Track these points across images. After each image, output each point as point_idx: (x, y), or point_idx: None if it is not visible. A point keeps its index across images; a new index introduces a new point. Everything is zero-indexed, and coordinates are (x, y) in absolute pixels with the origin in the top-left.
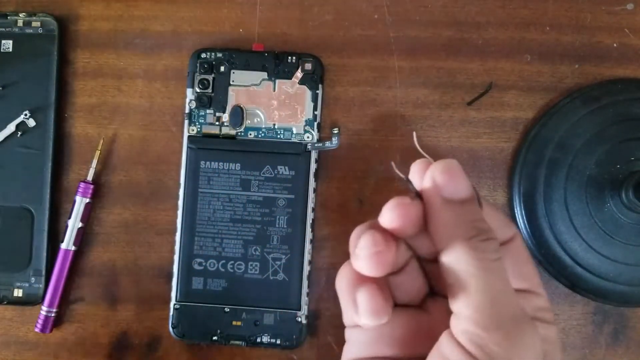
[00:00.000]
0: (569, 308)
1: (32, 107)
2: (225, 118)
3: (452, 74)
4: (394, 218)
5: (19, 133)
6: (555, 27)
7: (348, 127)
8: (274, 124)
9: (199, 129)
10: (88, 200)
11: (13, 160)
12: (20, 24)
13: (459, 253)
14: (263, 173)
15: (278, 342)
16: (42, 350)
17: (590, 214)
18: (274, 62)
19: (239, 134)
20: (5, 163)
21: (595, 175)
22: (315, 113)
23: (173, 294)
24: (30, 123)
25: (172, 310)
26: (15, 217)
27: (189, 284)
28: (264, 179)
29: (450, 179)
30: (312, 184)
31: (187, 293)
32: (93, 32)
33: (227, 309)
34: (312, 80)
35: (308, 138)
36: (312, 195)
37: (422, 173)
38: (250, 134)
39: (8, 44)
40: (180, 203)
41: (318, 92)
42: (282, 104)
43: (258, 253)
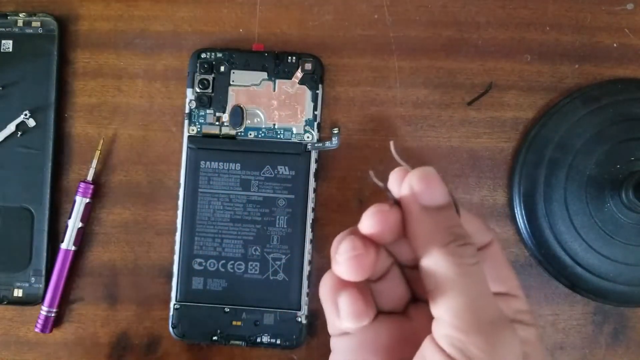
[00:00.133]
0: (569, 308)
1: (32, 107)
2: (225, 118)
3: (452, 74)
4: (373, 224)
5: (19, 133)
6: (555, 27)
7: (348, 127)
8: (274, 124)
9: (199, 129)
10: (88, 200)
11: (13, 160)
12: (20, 24)
13: (437, 259)
14: (263, 173)
15: (278, 342)
16: (42, 350)
17: (590, 214)
18: (274, 62)
19: (239, 134)
20: (5, 163)
21: (595, 175)
22: (315, 113)
23: (173, 294)
24: (30, 123)
25: (172, 310)
26: (15, 217)
27: (189, 284)
28: (264, 179)
29: (427, 187)
30: (312, 184)
31: (187, 293)
32: (93, 32)
33: (227, 309)
34: (312, 80)
35: (308, 138)
36: (312, 195)
37: (400, 181)
38: (250, 134)
39: (8, 44)
40: (180, 203)
41: (318, 92)
42: (282, 104)
43: (258, 253)
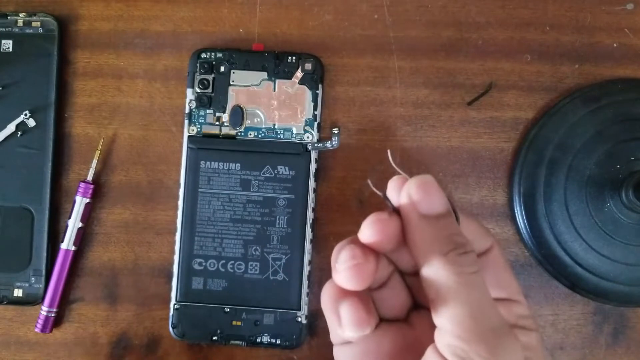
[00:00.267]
0: (569, 308)
1: (32, 107)
2: (225, 118)
3: (452, 74)
4: (372, 233)
5: (19, 133)
6: (555, 27)
7: (348, 127)
8: (274, 124)
9: (199, 129)
10: (88, 200)
11: (13, 160)
12: (20, 24)
13: (438, 268)
14: (263, 173)
15: (278, 342)
16: (42, 350)
17: (590, 214)
18: (274, 62)
19: (239, 134)
20: (5, 163)
21: (595, 175)
22: (315, 113)
23: (173, 294)
24: (30, 123)
25: (172, 310)
26: (15, 217)
27: (189, 284)
28: (264, 179)
29: (426, 195)
30: (312, 184)
31: (187, 293)
32: (93, 32)
33: (227, 309)
34: (312, 80)
35: (308, 138)
36: (312, 195)
37: (399, 189)
38: (250, 134)
39: (8, 44)
40: (180, 203)
41: (318, 92)
42: (282, 104)
43: (258, 253)
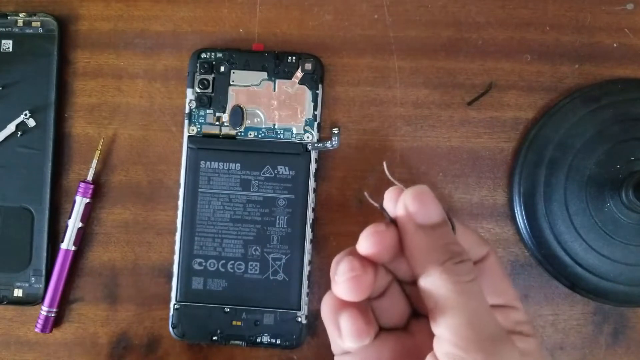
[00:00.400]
0: (569, 308)
1: (32, 107)
2: (225, 118)
3: (452, 74)
4: (370, 245)
5: (19, 133)
6: (555, 27)
7: (348, 127)
8: (274, 124)
9: (199, 129)
10: (88, 200)
11: (13, 160)
12: (20, 24)
13: (435, 277)
14: (263, 173)
15: (278, 342)
16: (42, 350)
17: (590, 214)
18: (274, 62)
19: (239, 134)
20: (5, 163)
21: (595, 175)
22: (315, 113)
23: (173, 294)
24: (30, 123)
25: (172, 310)
26: (15, 217)
27: (189, 284)
28: (264, 179)
29: (421, 205)
30: (312, 184)
31: (187, 293)
32: (93, 32)
33: (227, 309)
34: (312, 80)
35: (308, 138)
36: (312, 195)
37: (395, 200)
38: (250, 134)
39: (8, 44)
40: (180, 203)
41: (318, 92)
42: (282, 104)
43: (258, 253)
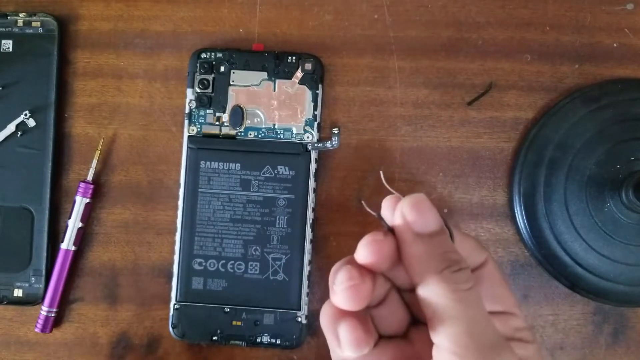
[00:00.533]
0: (569, 308)
1: (32, 107)
2: (225, 118)
3: (452, 74)
4: (368, 254)
5: (19, 133)
6: (555, 27)
7: (348, 127)
8: (274, 124)
9: (199, 129)
10: (88, 200)
11: (13, 160)
12: (20, 24)
13: (433, 286)
14: (263, 173)
15: (278, 342)
16: (42, 350)
17: (590, 214)
18: (274, 62)
19: (239, 134)
20: (5, 163)
21: (595, 175)
22: (315, 113)
23: (173, 294)
24: (30, 123)
25: (172, 310)
26: (15, 217)
27: (189, 284)
28: (264, 179)
29: (419, 214)
30: (312, 184)
31: (187, 293)
32: (93, 32)
33: (227, 309)
34: (312, 80)
35: (308, 138)
36: (312, 195)
37: (392, 208)
38: (250, 134)
39: (8, 44)
40: (180, 203)
41: (318, 92)
42: (282, 104)
43: (258, 253)
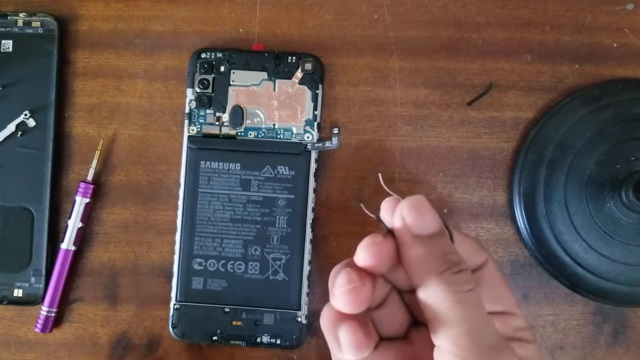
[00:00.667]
0: (569, 308)
1: (32, 107)
2: (225, 118)
3: (452, 74)
4: (368, 257)
5: (19, 133)
6: (555, 27)
7: (348, 127)
8: (274, 124)
9: (199, 129)
10: (88, 200)
11: (13, 160)
12: (20, 24)
13: (433, 288)
14: (263, 173)
15: (278, 342)
16: (42, 350)
17: (590, 214)
18: (274, 62)
19: (239, 134)
20: (5, 163)
21: (595, 175)
22: (315, 113)
23: (173, 294)
24: (30, 123)
25: (172, 310)
26: (15, 217)
27: (189, 284)
28: (264, 179)
29: (418, 216)
30: (312, 184)
31: (187, 293)
32: (93, 32)
33: (227, 309)
34: (312, 80)
35: (308, 138)
36: (312, 195)
37: (392, 210)
38: (250, 134)
39: (8, 44)
40: (180, 203)
41: (318, 92)
42: (282, 104)
43: (258, 253)
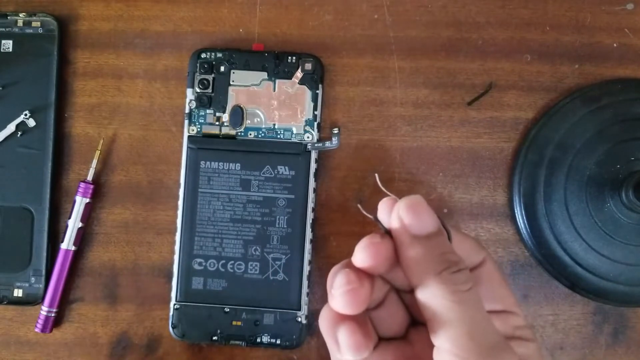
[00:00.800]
0: (569, 308)
1: (32, 107)
2: (225, 118)
3: (452, 74)
4: (366, 258)
5: (19, 133)
6: (555, 27)
7: (348, 127)
8: (274, 124)
9: (199, 129)
10: (88, 200)
11: (13, 160)
12: (20, 24)
13: (432, 288)
14: (263, 173)
15: (278, 342)
16: (42, 350)
17: (590, 214)
18: (274, 62)
19: (239, 134)
20: (5, 163)
21: (595, 175)
22: (315, 113)
23: (173, 294)
24: (30, 123)
25: (172, 310)
26: (15, 217)
27: (189, 284)
28: (264, 179)
29: (415, 216)
30: (312, 184)
31: (187, 293)
32: (93, 32)
33: (227, 309)
34: (312, 80)
35: (308, 138)
36: (312, 195)
37: (389, 211)
38: (250, 134)
39: (8, 44)
40: (180, 203)
41: (318, 92)
42: (282, 104)
43: (258, 253)
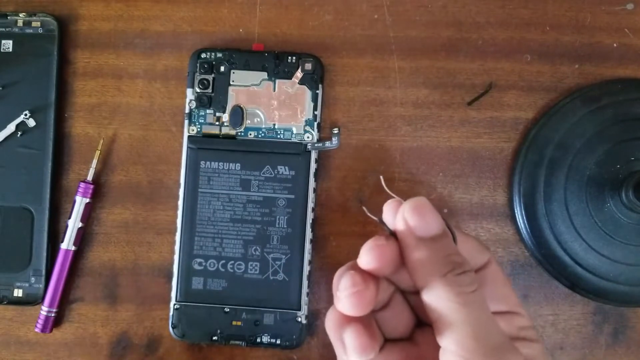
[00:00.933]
0: (569, 308)
1: (32, 107)
2: (225, 118)
3: (452, 74)
4: (371, 260)
5: (19, 133)
6: (555, 27)
7: (348, 127)
8: (274, 124)
9: (199, 129)
10: (88, 200)
11: (13, 160)
12: (20, 24)
13: (437, 290)
14: (263, 173)
15: (278, 342)
16: (42, 350)
17: (590, 214)
18: (274, 62)
19: (239, 134)
20: (5, 163)
21: (595, 175)
22: (315, 113)
23: (173, 294)
24: (30, 123)
25: (172, 310)
26: (15, 217)
27: (189, 284)
28: (264, 179)
29: (420, 218)
30: (312, 184)
31: (187, 293)
32: (93, 32)
33: (227, 309)
34: (312, 80)
35: (308, 138)
36: (312, 195)
37: (394, 212)
38: (250, 134)
39: (8, 44)
40: (180, 203)
41: (318, 92)
42: (282, 104)
43: (258, 253)
